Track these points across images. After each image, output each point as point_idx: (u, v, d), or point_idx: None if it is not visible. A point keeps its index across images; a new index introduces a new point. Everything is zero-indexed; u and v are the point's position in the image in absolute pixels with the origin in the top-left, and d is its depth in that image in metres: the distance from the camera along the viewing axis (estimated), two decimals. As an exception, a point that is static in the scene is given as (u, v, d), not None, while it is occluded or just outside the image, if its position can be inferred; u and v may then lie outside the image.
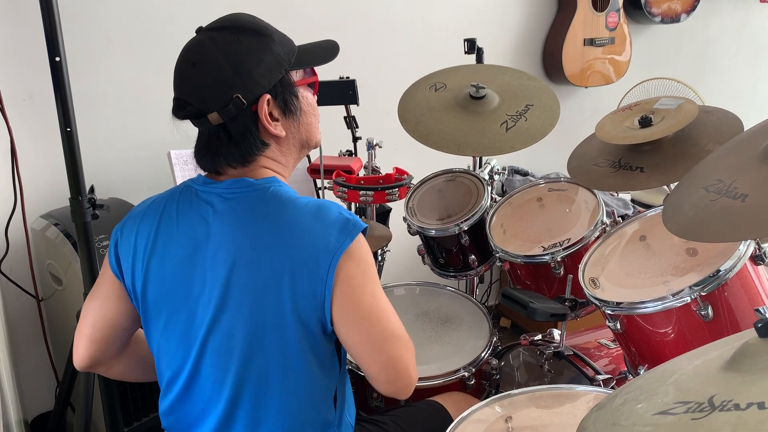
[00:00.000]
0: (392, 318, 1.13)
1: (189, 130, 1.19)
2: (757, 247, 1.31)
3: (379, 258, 2.17)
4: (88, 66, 2.10)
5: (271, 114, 1.14)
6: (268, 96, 1.12)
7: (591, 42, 3.03)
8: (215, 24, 1.14)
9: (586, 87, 3.13)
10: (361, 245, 1.10)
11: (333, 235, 1.07)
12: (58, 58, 1.46)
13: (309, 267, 1.06)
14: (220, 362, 1.12)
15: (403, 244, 2.27)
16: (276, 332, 1.09)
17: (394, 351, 1.11)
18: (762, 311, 0.74)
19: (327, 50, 1.25)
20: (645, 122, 1.58)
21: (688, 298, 1.27)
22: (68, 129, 1.50)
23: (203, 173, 1.20)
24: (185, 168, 1.97)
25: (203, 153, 1.16)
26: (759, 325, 0.74)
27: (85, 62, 2.08)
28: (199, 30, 1.15)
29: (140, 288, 1.17)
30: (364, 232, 1.12)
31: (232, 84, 1.09)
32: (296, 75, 1.18)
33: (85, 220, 1.56)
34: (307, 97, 1.21)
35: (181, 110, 1.14)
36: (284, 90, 1.15)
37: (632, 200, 3.02)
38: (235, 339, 1.10)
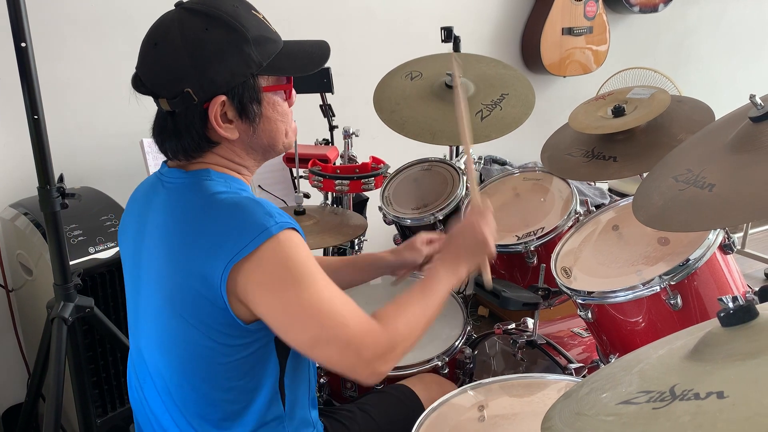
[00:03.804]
0: (313, 320, 1.00)
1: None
2: (726, 236, 1.32)
3: (356, 247, 2.16)
4: (58, 51, 2.06)
5: (225, 114, 1.06)
6: (223, 97, 1.04)
7: (569, 31, 3.03)
8: (193, 5, 1.05)
9: (565, 76, 3.14)
10: (267, 252, 0.99)
11: (233, 240, 0.99)
12: (23, 44, 1.42)
13: (206, 272, 1.00)
14: (149, 354, 1.15)
15: (379, 233, 2.27)
16: (189, 331, 1.06)
17: (324, 356, 1.03)
18: (725, 300, 0.74)
19: (310, 59, 1.13)
20: (618, 112, 1.58)
21: (658, 288, 1.27)
22: (35, 116, 1.46)
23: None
24: (158, 156, 1.94)
25: (155, 133, 1.12)
26: (721, 314, 0.74)
27: (55, 47, 2.04)
28: (178, 4, 1.06)
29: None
30: (295, 231, 1.03)
31: (186, 77, 1.02)
32: (266, 80, 1.09)
33: (54, 209, 1.53)
34: (275, 103, 1.11)
35: (136, 86, 1.09)
36: (245, 94, 1.06)
37: (609, 189, 3.03)
38: (157, 333, 1.12)
